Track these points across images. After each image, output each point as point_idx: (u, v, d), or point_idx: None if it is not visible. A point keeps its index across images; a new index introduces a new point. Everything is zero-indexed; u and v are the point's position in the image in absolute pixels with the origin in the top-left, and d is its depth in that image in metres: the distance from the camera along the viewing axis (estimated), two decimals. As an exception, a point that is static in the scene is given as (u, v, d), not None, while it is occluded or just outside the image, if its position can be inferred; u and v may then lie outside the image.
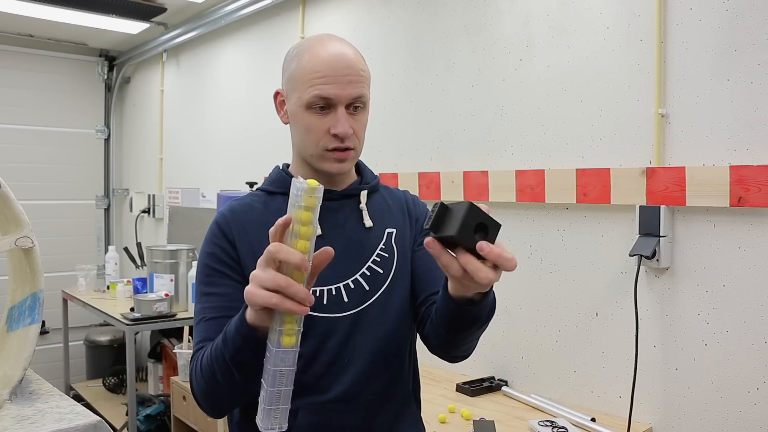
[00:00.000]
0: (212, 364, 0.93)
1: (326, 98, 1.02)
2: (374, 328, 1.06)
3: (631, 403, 1.68)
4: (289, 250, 0.76)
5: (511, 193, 2.05)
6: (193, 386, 1.01)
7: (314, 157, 1.07)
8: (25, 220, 1.13)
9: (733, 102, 1.57)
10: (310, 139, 1.05)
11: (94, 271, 3.89)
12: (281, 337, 0.78)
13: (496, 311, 0.96)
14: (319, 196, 0.77)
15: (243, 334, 0.85)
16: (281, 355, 0.78)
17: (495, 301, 0.94)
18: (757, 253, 1.54)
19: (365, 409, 1.06)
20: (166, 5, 3.55)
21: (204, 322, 1.04)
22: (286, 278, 0.76)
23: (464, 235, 0.73)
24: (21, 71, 4.41)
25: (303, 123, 1.06)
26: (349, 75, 1.03)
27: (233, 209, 1.11)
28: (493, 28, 2.14)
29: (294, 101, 1.07)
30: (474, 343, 1.03)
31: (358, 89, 1.03)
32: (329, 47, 1.05)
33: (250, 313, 0.83)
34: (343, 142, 1.04)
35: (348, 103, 1.03)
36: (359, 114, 1.06)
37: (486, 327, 0.96)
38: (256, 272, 0.79)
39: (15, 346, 1.13)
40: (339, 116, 1.02)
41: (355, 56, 1.07)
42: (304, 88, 1.03)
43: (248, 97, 3.41)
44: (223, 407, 1.02)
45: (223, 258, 1.07)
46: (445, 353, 1.06)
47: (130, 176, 4.79)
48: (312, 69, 1.03)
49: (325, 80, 1.02)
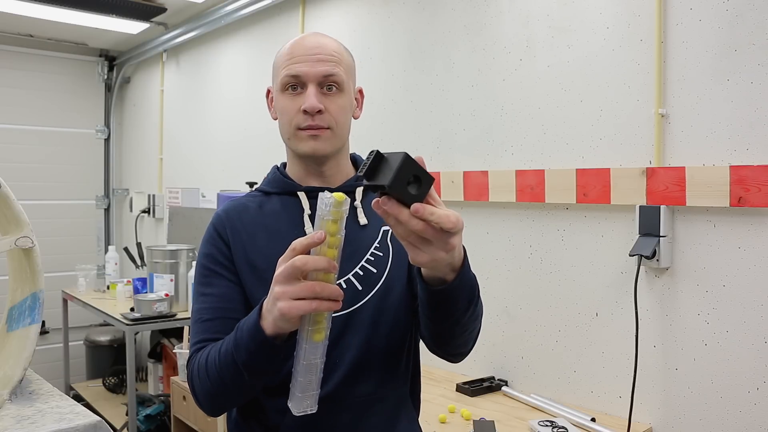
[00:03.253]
0: (220, 367, 0.94)
1: (295, 76, 1.05)
2: (367, 329, 1.05)
3: (631, 403, 1.68)
4: (316, 258, 0.80)
5: (511, 193, 2.05)
6: (194, 386, 1.01)
7: (291, 140, 1.09)
8: (25, 220, 1.13)
9: (733, 102, 1.57)
10: (285, 120, 1.08)
11: (94, 271, 3.90)
12: (312, 335, 0.84)
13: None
14: (345, 208, 0.81)
15: (258, 342, 0.87)
16: (312, 350, 0.84)
17: (474, 284, 0.92)
18: (757, 253, 1.54)
19: (355, 410, 1.06)
20: (166, 5, 3.55)
21: (201, 323, 1.05)
22: (320, 284, 0.81)
23: (397, 187, 0.73)
24: (21, 71, 4.41)
25: (279, 106, 1.09)
26: (318, 54, 1.05)
27: (228, 210, 1.13)
28: (493, 28, 2.14)
29: (274, 89, 1.11)
30: (466, 338, 1.01)
31: (328, 67, 1.05)
32: (308, 37, 1.09)
33: (276, 324, 0.84)
34: (313, 119, 1.04)
35: (318, 81, 1.05)
36: (334, 95, 1.06)
37: (472, 317, 0.95)
38: (283, 288, 0.81)
39: (15, 346, 1.13)
40: (308, 93, 1.04)
41: (332, 43, 1.09)
42: (279, 72, 1.08)
43: (248, 97, 3.41)
44: (225, 406, 1.04)
45: (219, 258, 1.08)
46: (438, 349, 1.04)
47: (130, 176, 4.80)
48: (286, 53, 1.07)
49: (295, 60, 1.05)
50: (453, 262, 0.83)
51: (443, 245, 0.77)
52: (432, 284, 0.87)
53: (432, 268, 0.82)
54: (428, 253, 0.77)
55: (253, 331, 0.88)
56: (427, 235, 0.75)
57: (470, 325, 0.98)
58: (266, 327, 0.86)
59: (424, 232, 0.75)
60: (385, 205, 0.74)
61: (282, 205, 1.12)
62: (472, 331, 1.01)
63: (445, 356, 1.07)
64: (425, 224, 0.74)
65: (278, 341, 0.87)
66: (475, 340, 1.05)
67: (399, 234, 0.77)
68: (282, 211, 1.11)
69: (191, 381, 1.03)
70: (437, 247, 0.77)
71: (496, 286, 2.12)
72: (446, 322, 0.94)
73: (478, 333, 1.05)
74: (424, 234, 0.75)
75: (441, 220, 0.74)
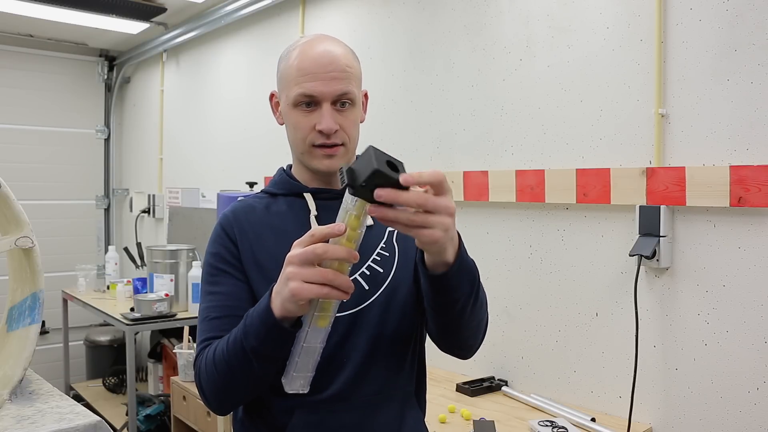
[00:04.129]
0: (229, 357, 0.95)
1: (310, 95, 1.04)
2: (373, 328, 1.06)
3: (631, 403, 1.68)
4: (336, 247, 0.82)
5: (511, 193, 2.05)
6: (202, 382, 1.01)
7: (304, 155, 1.09)
8: (25, 220, 1.13)
9: (733, 102, 1.57)
10: (298, 136, 1.08)
11: (94, 271, 3.89)
12: (317, 320, 0.87)
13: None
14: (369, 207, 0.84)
15: (268, 326, 0.89)
16: (314, 333, 0.88)
17: (474, 268, 0.94)
18: (757, 253, 1.54)
19: (362, 409, 1.06)
20: (166, 5, 3.55)
21: (209, 321, 1.06)
22: (333, 272, 0.82)
23: (382, 174, 0.77)
24: (21, 71, 4.41)
25: (291, 121, 1.08)
26: (332, 71, 1.04)
27: (235, 210, 1.14)
28: (493, 28, 2.14)
29: (283, 100, 1.10)
30: (474, 330, 1.02)
31: (342, 86, 1.04)
32: (316, 46, 1.06)
33: (285, 305, 0.86)
34: (329, 138, 1.05)
35: (333, 99, 1.04)
36: (347, 110, 1.06)
37: (476, 304, 0.96)
38: (296, 270, 0.83)
39: (15, 346, 1.13)
40: (324, 113, 1.04)
41: (343, 54, 1.07)
42: (291, 86, 1.06)
43: (248, 97, 3.41)
44: (234, 402, 1.04)
45: (226, 257, 1.09)
46: (446, 342, 1.05)
47: (130, 176, 4.80)
48: (297, 67, 1.05)
49: (308, 77, 1.03)
50: (454, 237, 0.86)
51: (445, 208, 0.80)
52: (435, 269, 0.89)
53: (439, 248, 0.84)
54: (437, 226, 0.80)
55: (263, 314, 0.89)
56: (429, 205, 0.78)
57: (476, 315, 0.98)
58: (275, 309, 0.87)
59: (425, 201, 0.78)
60: (380, 197, 0.77)
61: (288, 206, 1.13)
62: (479, 322, 1.02)
63: (454, 350, 1.07)
64: (421, 195, 0.78)
65: (286, 324, 0.88)
66: (483, 333, 1.06)
67: (405, 221, 0.79)
68: (288, 212, 1.12)
69: (198, 378, 1.02)
70: (442, 213, 0.80)
71: (496, 286, 2.12)
72: (452, 311, 0.94)
73: (485, 326, 1.05)
74: (426, 204, 0.78)
75: (432, 178, 0.79)
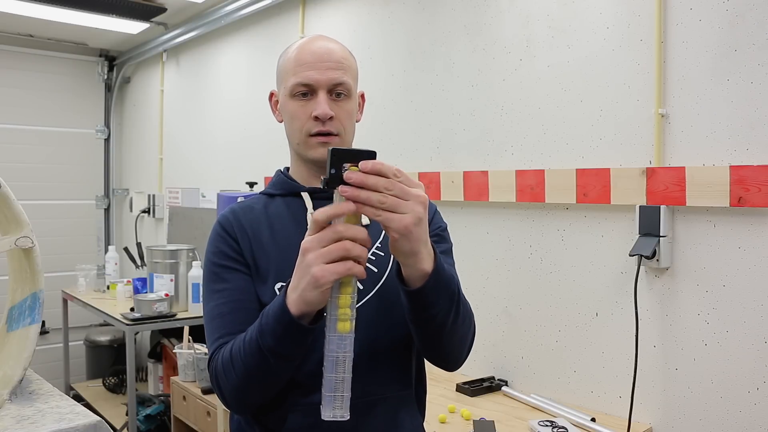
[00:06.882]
0: (245, 357, 0.94)
1: (306, 84, 1.06)
2: (368, 328, 1.04)
3: (631, 403, 1.68)
4: (356, 227, 0.83)
5: (511, 193, 2.05)
6: (220, 382, 1.00)
7: (300, 145, 1.10)
8: (25, 220, 1.13)
9: (733, 102, 1.57)
10: (295, 126, 1.09)
11: (94, 271, 3.89)
12: (336, 323, 0.84)
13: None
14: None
15: (284, 323, 0.87)
16: (337, 341, 0.84)
17: (453, 283, 0.94)
18: (757, 253, 1.54)
19: (358, 411, 1.05)
20: (166, 5, 3.55)
21: (219, 318, 1.04)
22: (350, 242, 0.82)
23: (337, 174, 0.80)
24: (21, 71, 4.41)
25: (288, 111, 1.10)
26: (328, 62, 1.07)
27: (234, 210, 1.15)
28: (493, 28, 2.14)
29: (281, 93, 1.12)
30: (457, 345, 1.01)
31: (338, 75, 1.07)
32: (314, 42, 1.10)
33: (305, 296, 0.84)
34: (324, 125, 1.06)
35: (329, 88, 1.07)
36: (342, 101, 1.08)
37: (458, 319, 0.95)
38: (316, 252, 0.82)
39: (15, 346, 1.13)
40: (319, 99, 1.06)
41: (340, 49, 1.11)
42: (288, 77, 1.09)
43: (248, 97, 3.41)
44: (253, 402, 1.02)
45: (230, 254, 1.08)
46: (430, 355, 1.05)
47: (130, 176, 4.80)
48: (295, 59, 1.09)
49: (305, 67, 1.07)
50: (428, 242, 0.87)
51: (416, 196, 0.82)
52: (412, 284, 0.89)
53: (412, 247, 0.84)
54: (408, 212, 0.81)
55: (278, 313, 0.88)
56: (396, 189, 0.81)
57: (459, 330, 0.98)
58: (291, 306, 0.86)
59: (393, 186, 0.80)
60: (349, 179, 0.79)
61: (286, 206, 1.13)
62: (462, 337, 1.01)
63: (439, 363, 1.07)
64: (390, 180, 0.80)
65: (304, 321, 0.87)
66: (468, 348, 1.05)
67: (376, 202, 0.80)
68: (286, 211, 1.12)
69: (216, 379, 1.01)
70: (412, 200, 0.81)
71: (496, 286, 2.12)
72: (431, 326, 0.94)
73: (471, 340, 1.05)
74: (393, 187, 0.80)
75: (385, 167, 0.81)
